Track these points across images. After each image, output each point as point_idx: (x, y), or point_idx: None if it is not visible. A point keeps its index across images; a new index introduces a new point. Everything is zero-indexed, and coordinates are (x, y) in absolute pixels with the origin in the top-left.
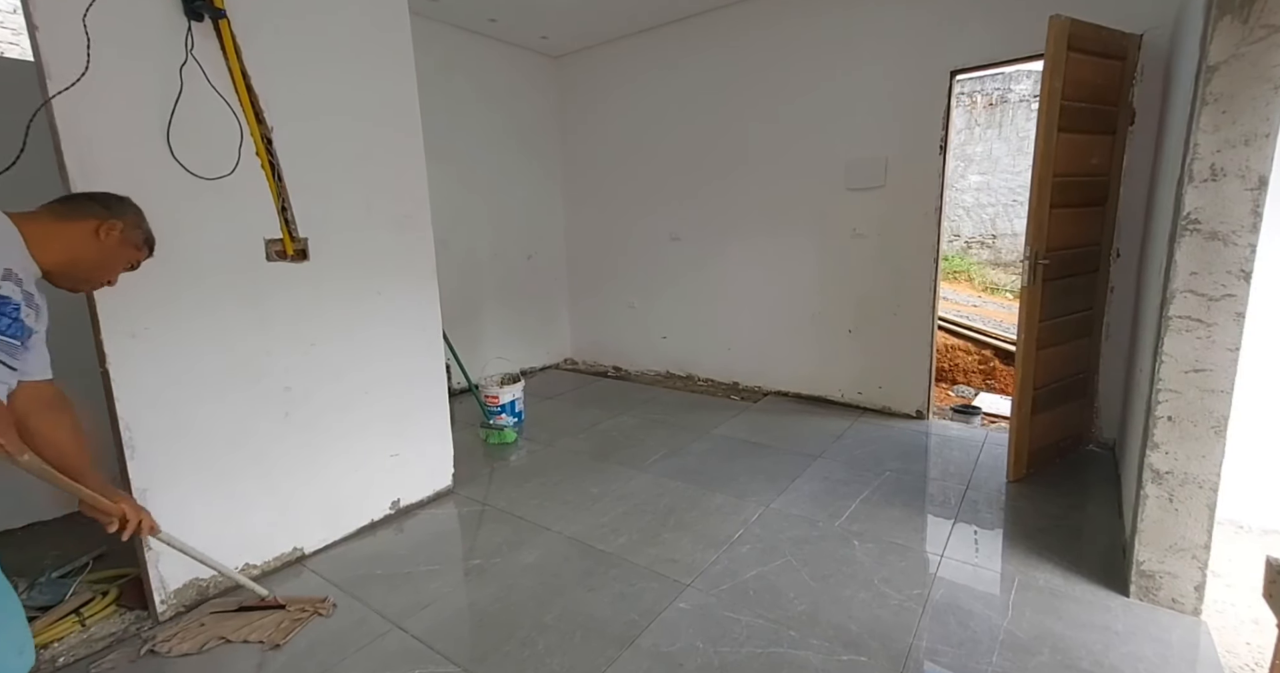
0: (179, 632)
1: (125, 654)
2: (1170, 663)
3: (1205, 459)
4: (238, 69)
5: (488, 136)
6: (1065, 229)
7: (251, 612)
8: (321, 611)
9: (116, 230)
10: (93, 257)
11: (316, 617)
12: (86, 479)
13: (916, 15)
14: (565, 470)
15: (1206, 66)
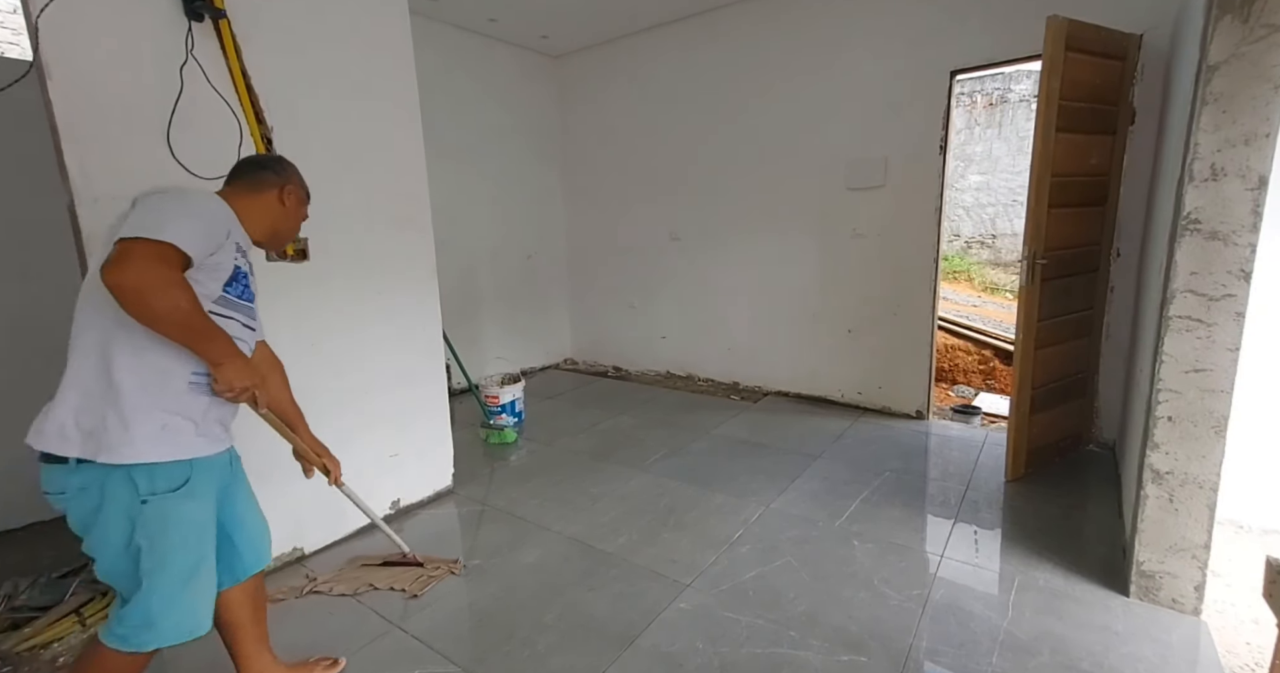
0: (336, 576)
1: (292, 590)
2: (1170, 663)
3: (1205, 459)
4: (238, 69)
5: (488, 136)
6: (1064, 229)
7: (394, 566)
8: (454, 570)
9: (294, 193)
10: (285, 221)
11: (449, 575)
12: (300, 431)
13: (916, 15)
14: (565, 470)
15: (1207, 66)
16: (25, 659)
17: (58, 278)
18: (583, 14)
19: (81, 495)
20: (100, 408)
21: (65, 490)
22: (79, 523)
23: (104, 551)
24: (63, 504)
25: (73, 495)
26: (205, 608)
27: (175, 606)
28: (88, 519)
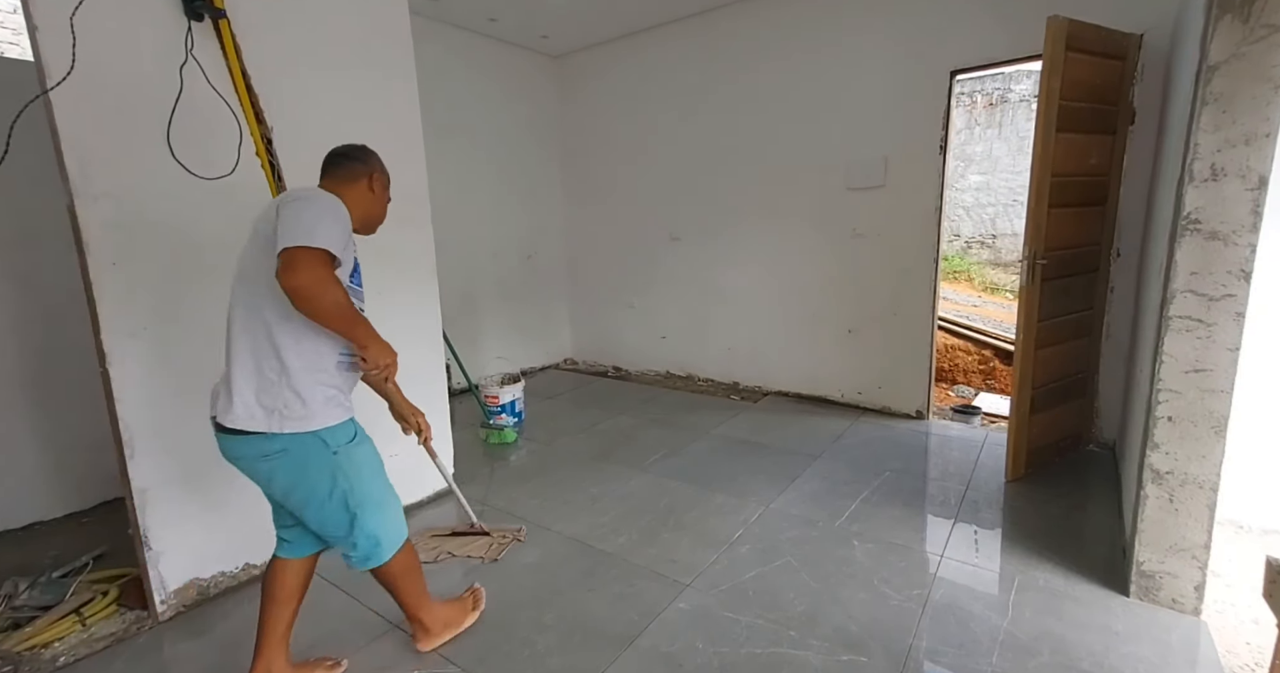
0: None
1: None
2: (1170, 663)
3: (1205, 459)
4: (238, 69)
5: (488, 135)
6: (1064, 229)
7: (463, 536)
8: (520, 537)
9: (379, 179)
10: (375, 206)
11: (516, 542)
12: (397, 394)
13: (916, 15)
14: (565, 470)
15: (1207, 66)
16: (26, 659)
17: (58, 279)
18: (583, 14)
19: (283, 457)
20: (277, 390)
21: (266, 454)
22: (286, 482)
23: (313, 500)
24: (263, 467)
25: (275, 458)
26: (402, 517)
27: (386, 521)
28: (294, 478)
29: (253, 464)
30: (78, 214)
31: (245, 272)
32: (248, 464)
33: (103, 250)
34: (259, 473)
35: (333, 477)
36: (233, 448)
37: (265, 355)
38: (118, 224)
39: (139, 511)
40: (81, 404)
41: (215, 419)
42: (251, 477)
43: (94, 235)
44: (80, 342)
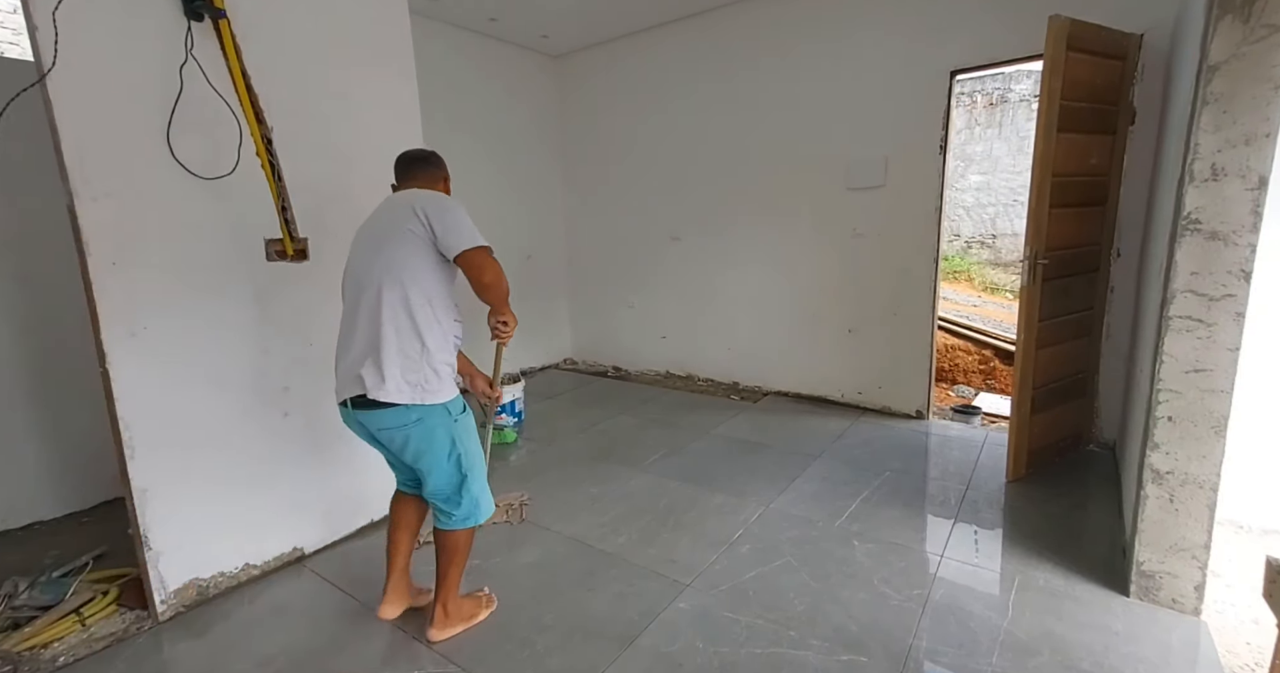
0: None
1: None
2: (1170, 663)
3: (1205, 459)
4: (238, 69)
5: (488, 135)
6: (1065, 229)
7: None
8: (525, 501)
9: (448, 179)
10: None
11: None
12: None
13: (916, 15)
14: (565, 470)
15: (1207, 66)
16: (25, 659)
17: (58, 279)
18: (583, 13)
19: (419, 425)
20: (419, 367)
21: (405, 424)
22: (418, 446)
23: (438, 462)
24: (400, 435)
25: (412, 427)
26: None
27: (484, 488)
28: (425, 443)
29: (393, 433)
30: (78, 214)
31: (390, 265)
32: (388, 434)
33: (103, 250)
34: (396, 440)
35: (452, 441)
36: (377, 420)
37: (409, 338)
38: (118, 224)
39: (139, 510)
40: (81, 404)
41: (358, 397)
42: (386, 444)
43: (94, 235)
44: (80, 342)
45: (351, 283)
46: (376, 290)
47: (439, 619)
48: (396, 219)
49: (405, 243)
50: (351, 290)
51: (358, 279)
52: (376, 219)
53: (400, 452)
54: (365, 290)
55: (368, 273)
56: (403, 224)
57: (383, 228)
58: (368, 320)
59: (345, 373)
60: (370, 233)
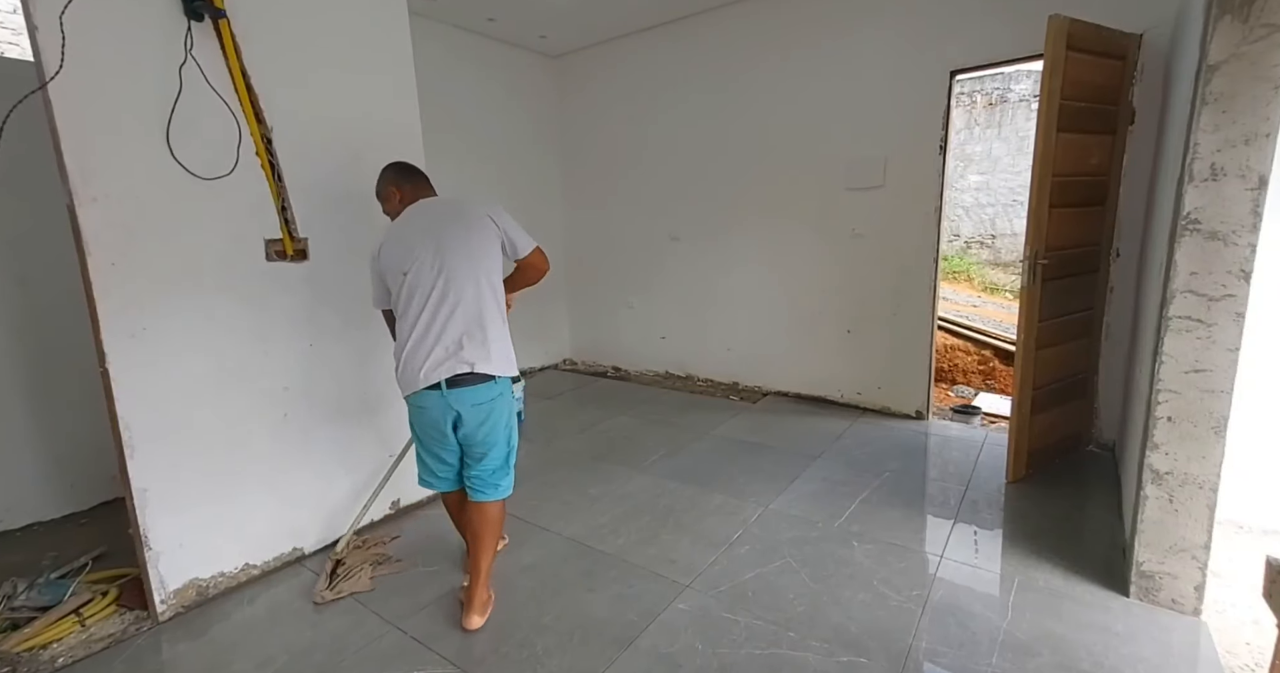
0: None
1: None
2: (1170, 663)
3: (1205, 459)
4: (238, 69)
5: (487, 136)
6: (1065, 229)
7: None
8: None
9: None
10: None
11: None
12: None
13: (916, 15)
14: (565, 471)
15: (1206, 66)
16: (25, 659)
17: (58, 279)
18: (582, 14)
19: (502, 398)
20: (506, 346)
21: (495, 396)
22: (497, 417)
23: (504, 433)
24: (488, 408)
25: (498, 399)
26: None
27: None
28: (501, 415)
29: (485, 407)
30: (78, 214)
31: (481, 260)
32: (483, 408)
33: (103, 250)
34: (481, 414)
35: (510, 413)
36: (474, 395)
37: (498, 323)
38: (118, 224)
39: (139, 511)
40: (81, 404)
41: (462, 374)
42: (471, 420)
43: (94, 235)
44: (80, 342)
45: (430, 275)
46: (475, 281)
47: (479, 607)
48: (473, 221)
49: (488, 241)
50: (432, 282)
51: (446, 271)
52: (442, 218)
53: (479, 425)
54: (455, 280)
55: (459, 266)
56: (482, 226)
57: (461, 228)
58: (468, 306)
59: (439, 356)
60: (445, 231)
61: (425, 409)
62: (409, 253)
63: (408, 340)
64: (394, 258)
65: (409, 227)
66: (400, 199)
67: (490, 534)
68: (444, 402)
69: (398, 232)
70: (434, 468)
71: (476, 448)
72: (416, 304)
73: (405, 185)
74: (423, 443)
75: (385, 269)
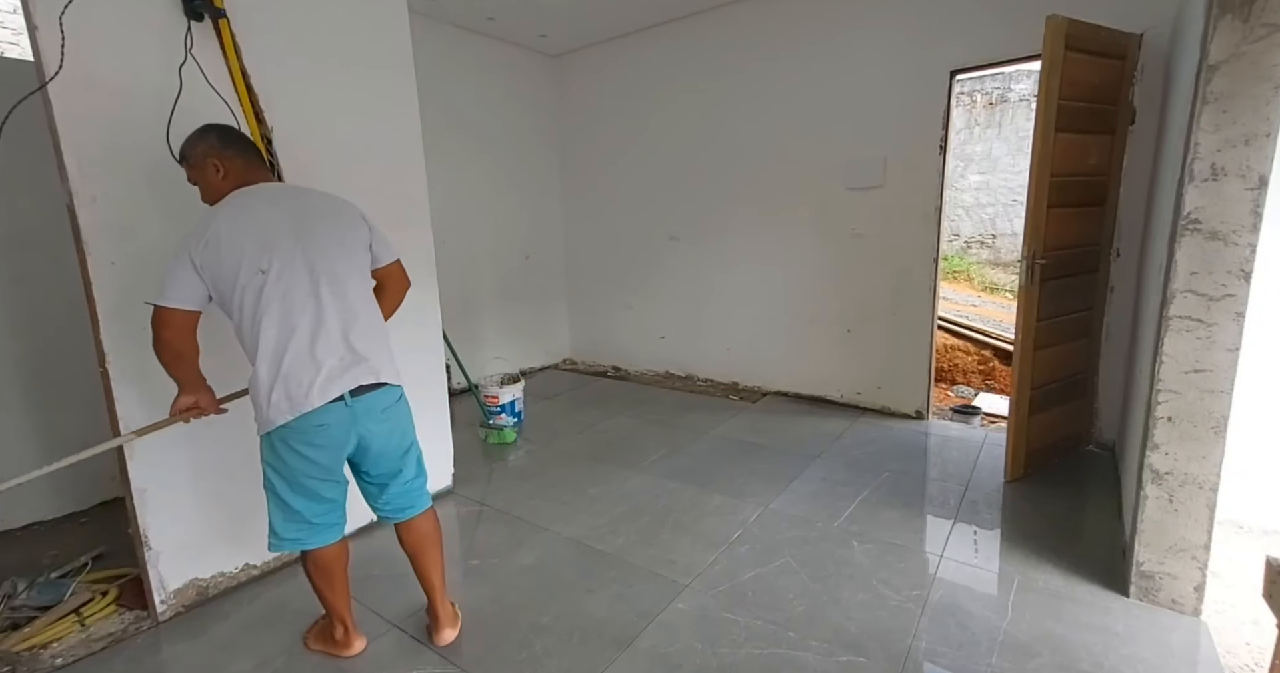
0: None
1: None
2: (1170, 664)
3: (1205, 460)
4: (238, 69)
5: (486, 135)
6: (1064, 229)
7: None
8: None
9: None
10: None
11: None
12: None
13: (916, 15)
14: (564, 471)
15: (1207, 66)
16: (25, 659)
17: (58, 279)
18: (581, 13)
19: (403, 402)
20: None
21: (398, 399)
22: (404, 424)
23: (410, 436)
24: (394, 413)
25: (400, 403)
26: None
27: None
28: (407, 419)
29: (392, 409)
30: (78, 214)
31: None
32: (390, 411)
33: (103, 250)
34: (391, 418)
35: (410, 413)
36: (383, 398)
37: (383, 323)
38: (118, 224)
39: (139, 511)
40: (81, 404)
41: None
42: (378, 431)
43: (94, 235)
44: (80, 342)
45: (304, 276)
46: (359, 282)
47: (449, 620)
48: (348, 219)
49: (360, 243)
50: (310, 285)
51: (326, 272)
52: (309, 211)
53: (389, 435)
54: (340, 282)
55: (340, 267)
56: (356, 224)
57: (339, 224)
58: (359, 311)
59: (335, 366)
60: (319, 226)
61: (326, 427)
62: (266, 248)
63: (284, 353)
64: (240, 252)
65: (257, 215)
66: (224, 175)
67: (437, 547)
68: (349, 415)
69: (241, 219)
70: (311, 515)
71: (391, 462)
72: (291, 309)
73: (233, 159)
74: (302, 485)
75: (222, 264)
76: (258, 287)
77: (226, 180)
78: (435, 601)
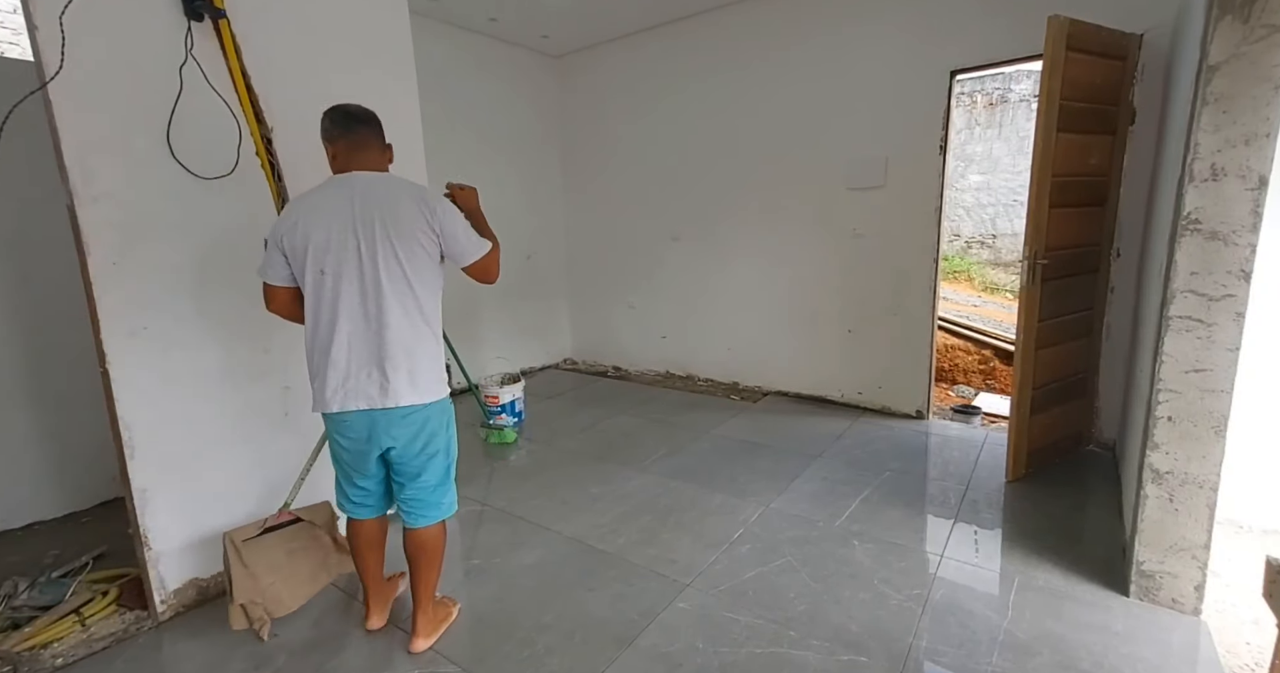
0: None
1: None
2: (1170, 663)
3: (1205, 459)
4: (238, 69)
5: (487, 136)
6: (1064, 229)
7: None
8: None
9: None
10: None
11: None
12: None
13: (916, 15)
14: (565, 470)
15: (1207, 66)
16: (25, 659)
17: (58, 279)
18: (583, 14)
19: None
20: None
21: (426, 410)
22: (429, 431)
23: (438, 444)
24: (420, 421)
25: (431, 410)
26: None
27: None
28: (436, 426)
29: (415, 418)
30: (78, 214)
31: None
32: (411, 419)
33: (103, 250)
34: (413, 425)
35: (449, 421)
36: (398, 410)
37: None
38: (118, 224)
39: (139, 511)
40: (81, 404)
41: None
42: (400, 436)
43: (94, 235)
44: (80, 342)
45: (354, 286)
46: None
47: (424, 628)
48: (410, 221)
49: (425, 247)
50: (359, 296)
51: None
52: (373, 211)
53: (411, 440)
54: (385, 299)
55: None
56: (419, 227)
57: (398, 228)
58: (395, 332)
59: (357, 383)
60: (378, 231)
61: (349, 425)
62: (328, 249)
63: (321, 352)
64: (305, 248)
65: (328, 211)
66: (332, 158)
67: (430, 564)
68: (368, 420)
69: (314, 214)
70: (349, 493)
71: (410, 465)
72: (336, 314)
73: (336, 143)
74: (339, 461)
75: (294, 254)
76: (315, 284)
77: (334, 164)
78: (415, 610)
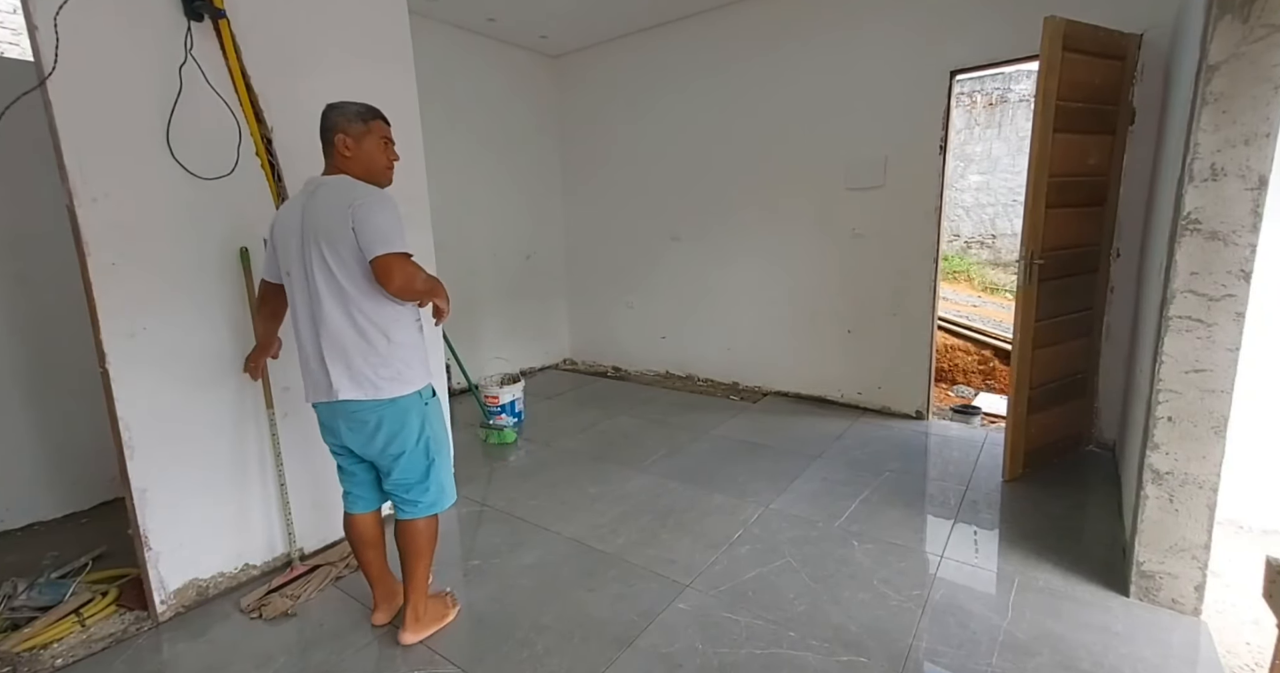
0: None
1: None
2: (1170, 663)
3: (1205, 459)
4: (238, 69)
5: (487, 136)
6: (1063, 229)
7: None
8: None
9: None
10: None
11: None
12: None
13: (916, 15)
14: (564, 471)
15: (1207, 66)
16: (25, 660)
17: (58, 279)
18: (582, 14)
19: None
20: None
21: (380, 411)
22: (388, 431)
23: (406, 444)
24: (375, 420)
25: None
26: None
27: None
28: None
29: (368, 416)
30: (78, 214)
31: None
32: (361, 416)
33: (103, 250)
34: (367, 425)
35: (423, 422)
36: (342, 407)
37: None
38: (118, 224)
39: (139, 511)
40: (81, 404)
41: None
42: (355, 431)
43: (94, 235)
44: (80, 342)
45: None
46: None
47: (410, 622)
48: (337, 221)
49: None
50: (306, 298)
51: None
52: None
53: (371, 438)
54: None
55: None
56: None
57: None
58: (332, 332)
59: (314, 377)
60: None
61: (319, 414)
62: (288, 250)
63: (298, 347)
64: (275, 249)
65: (288, 214)
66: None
67: (414, 555)
68: (328, 411)
69: (284, 213)
70: (342, 483)
71: (379, 463)
72: (295, 312)
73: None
74: (331, 450)
75: (273, 251)
76: (286, 284)
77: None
78: (405, 602)
